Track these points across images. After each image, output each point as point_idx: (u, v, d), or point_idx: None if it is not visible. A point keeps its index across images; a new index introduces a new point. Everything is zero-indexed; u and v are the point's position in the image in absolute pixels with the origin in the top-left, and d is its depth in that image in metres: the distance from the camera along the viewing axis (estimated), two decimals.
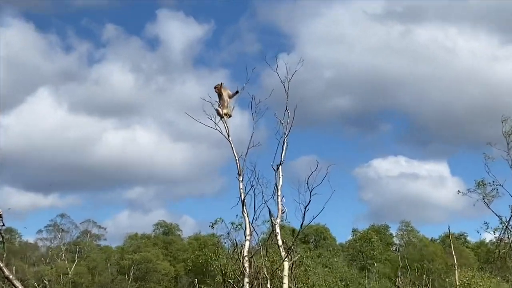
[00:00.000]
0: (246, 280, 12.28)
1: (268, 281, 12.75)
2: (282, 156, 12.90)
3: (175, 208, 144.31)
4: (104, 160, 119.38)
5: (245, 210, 12.59)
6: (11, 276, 8.16)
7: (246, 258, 12.38)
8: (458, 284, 34.46)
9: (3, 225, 9.05)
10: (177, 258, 77.04)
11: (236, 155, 12.89)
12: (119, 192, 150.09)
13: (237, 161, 12.86)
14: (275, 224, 12.62)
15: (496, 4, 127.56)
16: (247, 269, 12.30)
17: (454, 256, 35.74)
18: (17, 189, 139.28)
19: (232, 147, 13.00)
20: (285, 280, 12.30)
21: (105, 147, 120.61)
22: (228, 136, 13.12)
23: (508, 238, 30.69)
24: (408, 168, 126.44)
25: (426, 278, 53.17)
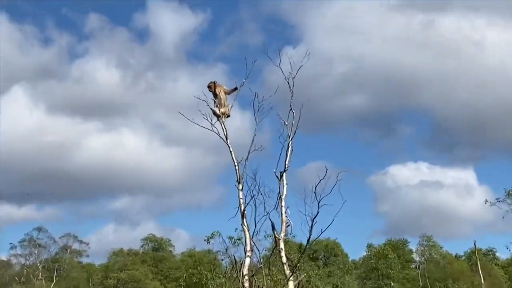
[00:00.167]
0: None
1: None
2: (287, 162, 12.89)
3: (167, 221, 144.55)
4: (86, 167, 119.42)
5: (245, 223, 12.57)
6: None
7: (246, 277, 12.35)
8: None
9: None
10: (169, 277, 77.05)
11: (235, 161, 12.88)
12: (103, 203, 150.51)
13: (236, 167, 12.85)
14: (278, 238, 12.59)
15: None
16: None
17: (481, 275, 35.77)
18: None
19: (230, 152, 12.99)
20: None
21: (88, 153, 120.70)
22: (226, 138, 13.11)
23: None
24: (430, 175, 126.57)
25: None
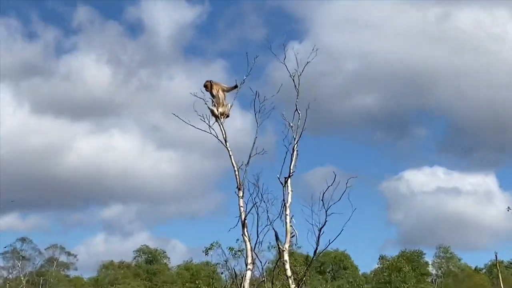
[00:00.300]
0: None
1: None
2: (292, 167, 12.87)
3: (161, 230, 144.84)
4: (74, 172, 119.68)
5: (246, 233, 12.57)
6: None
7: None
8: None
9: None
10: None
11: (235, 165, 12.88)
12: (93, 211, 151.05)
13: (236, 172, 12.85)
14: (283, 250, 12.59)
15: None
16: None
17: None
18: None
19: (230, 156, 12.99)
20: None
21: (76, 156, 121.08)
22: (225, 141, 13.12)
23: None
24: (447, 181, 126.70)
25: None
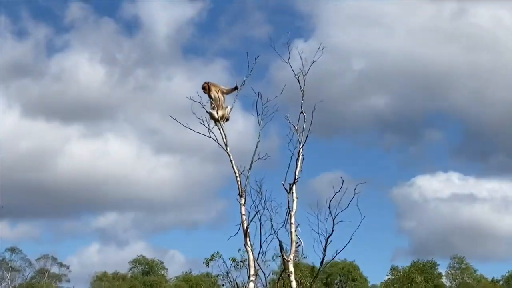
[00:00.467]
0: None
1: None
2: (297, 173, 12.87)
3: (159, 240, 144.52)
4: (67, 178, 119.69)
5: (248, 243, 12.55)
6: None
7: None
8: None
9: None
10: None
11: (236, 171, 12.87)
12: (87, 219, 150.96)
13: (238, 178, 12.83)
14: (287, 260, 12.56)
15: None
16: None
17: None
18: None
19: (231, 161, 12.98)
20: None
21: (69, 161, 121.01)
22: (226, 145, 13.10)
23: None
24: (463, 187, 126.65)
25: None
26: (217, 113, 13.37)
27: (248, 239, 12.56)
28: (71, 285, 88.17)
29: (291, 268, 12.57)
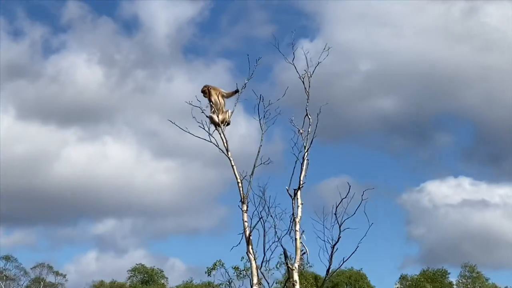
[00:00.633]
0: None
1: None
2: (302, 178, 12.86)
3: (159, 248, 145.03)
4: (63, 183, 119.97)
5: (251, 251, 12.54)
6: None
7: None
8: None
9: None
10: None
11: (238, 176, 12.87)
12: (84, 226, 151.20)
13: (240, 184, 12.84)
14: (292, 269, 12.55)
15: None
16: None
17: None
18: None
19: (232, 166, 12.98)
20: None
21: (66, 166, 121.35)
22: (227, 150, 13.11)
23: None
24: (474, 193, 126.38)
25: None
26: (217, 117, 13.41)
27: (250, 247, 12.56)
28: None
29: (295, 277, 12.55)
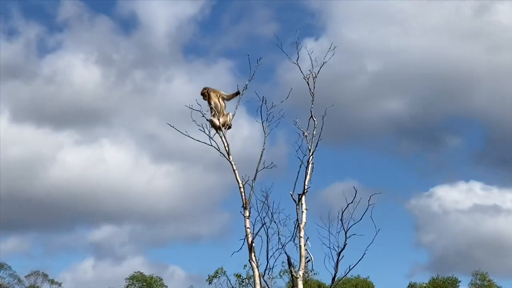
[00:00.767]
0: None
1: None
2: (306, 182, 12.85)
3: (158, 255, 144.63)
4: (59, 187, 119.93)
5: (253, 258, 12.52)
6: None
7: None
8: None
9: None
10: None
11: (240, 181, 12.83)
12: (80, 233, 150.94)
13: (242, 189, 12.80)
14: (296, 277, 12.52)
15: None
16: None
17: None
18: None
19: (234, 170, 12.94)
20: None
21: (61, 170, 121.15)
22: (228, 154, 13.08)
23: None
24: (486, 198, 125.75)
25: None
26: (218, 121, 13.38)
27: (253, 254, 12.53)
28: None
29: (300, 285, 12.53)
